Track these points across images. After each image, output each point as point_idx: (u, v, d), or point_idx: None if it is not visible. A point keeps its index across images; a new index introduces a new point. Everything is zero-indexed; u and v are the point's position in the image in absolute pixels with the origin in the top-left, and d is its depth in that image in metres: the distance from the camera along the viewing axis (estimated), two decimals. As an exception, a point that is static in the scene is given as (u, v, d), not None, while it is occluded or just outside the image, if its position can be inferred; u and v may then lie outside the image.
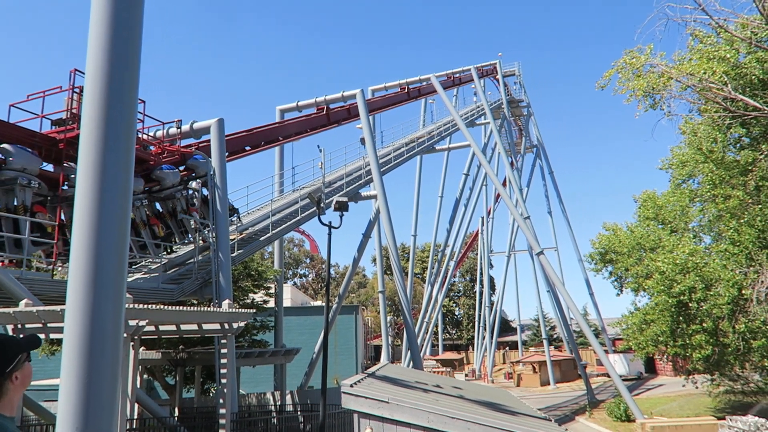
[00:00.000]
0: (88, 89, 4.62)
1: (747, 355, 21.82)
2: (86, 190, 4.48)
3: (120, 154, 4.62)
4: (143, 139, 17.43)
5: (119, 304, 4.51)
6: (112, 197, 4.54)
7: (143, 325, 12.01)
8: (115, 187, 4.56)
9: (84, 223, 4.43)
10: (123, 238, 4.61)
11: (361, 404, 11.07)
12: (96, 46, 4.59)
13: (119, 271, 4.55)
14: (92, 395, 4.09)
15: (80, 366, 4.12)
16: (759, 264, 18.16)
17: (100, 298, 4.32)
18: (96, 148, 4.53)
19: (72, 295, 4.32)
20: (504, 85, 49.77)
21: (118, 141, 4.62)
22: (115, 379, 4.33)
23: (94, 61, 4.57)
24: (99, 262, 4.36)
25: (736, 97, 18.03)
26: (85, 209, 4.46)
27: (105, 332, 4.28)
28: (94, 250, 4.37)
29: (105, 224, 4.45)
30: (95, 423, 4.07)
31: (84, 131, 4.57)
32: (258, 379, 38.77)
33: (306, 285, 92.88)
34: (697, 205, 27.81)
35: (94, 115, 4.55)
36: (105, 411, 4.16)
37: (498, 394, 19.62)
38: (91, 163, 4.52)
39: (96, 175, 4.50)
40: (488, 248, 61.68)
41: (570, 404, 39.10)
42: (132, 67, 4.69)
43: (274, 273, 28.21)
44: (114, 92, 4.57)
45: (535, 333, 72.93)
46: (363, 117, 28.81)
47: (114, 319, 4.39)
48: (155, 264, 19.19)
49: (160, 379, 25.16)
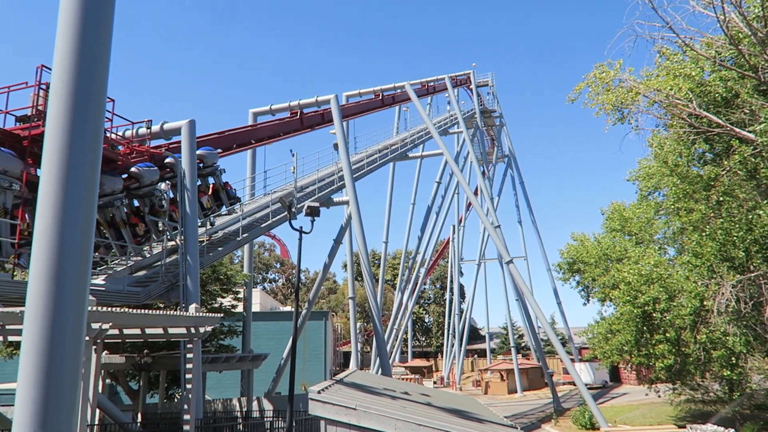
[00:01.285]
0: (54, 86, 4.52)
1: (707, 365, 22.37)
2: (50, 188, 4.37)
3: (86, 153, 4.53)
4: (111, 138, 17.10)
5: (81, 307, 4.41)
6: (76, 197, 4.44)
7: (106, 328, 11.75)
8: (80, 186, 4.46)
9: (46, 223, 4.32)
10: (87, 239, 4.51)
11: (328, 411, 11.00)
12: (64, 42, 4.49)
13: (82, 272, 4.45)
14: (51, 400, 3.98)
15: (39, 369, 4.01)
16: (720, 276, 18.66)
17: (62, 300, 4.21)
18: (61, 147, 4.43)
19: (32, 296, 4.21)
20: (477, 95, 50.33)
21: (85, 139, 4.52)
22: (75, 383, 4.22)
23: (61, 57, 4.47)
24: (61, 263, 4.26)
25: (701, 113, 18.57)
26: (48, 208, 4.35)
27: (65, 335, 4.18)
28: (56, 250, 4.26)
29: (68, 224, 4.35)
30: (53, 429, 3.96)
31: (49, 129, 4.47)
32: (224, 385, 38.22)
33: (276, 290, 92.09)
34: (662, 217, 28.50)
35: (60, 112, 4.45)
36: (64, 416, 4.05)
37: (465, 402, 19.71)
38: (55, 161, 4.42)
39: (60, 173, 4.40)
40: (459, 256, 62.14)
41: (536, 412, 39.52)
42: (101, 63, 4.60)
43: (243, 277, 27.90)
44: (81, 89, 4.47)
45: (503, 341, 73.57)
46: (337, 122, 28.79)
47: (75, 321, 4.28)
48: (121, 266, 18.80)
49: (123, 384, 24.61)
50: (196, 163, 19.93)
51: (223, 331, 27.93)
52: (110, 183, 16.41)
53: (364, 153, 36.16)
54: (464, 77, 48.78)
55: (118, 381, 25.42)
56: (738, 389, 22.93)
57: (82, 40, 4.51)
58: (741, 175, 19.32)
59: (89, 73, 4.54)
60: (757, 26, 16.53)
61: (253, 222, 24.42)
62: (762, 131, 16.41)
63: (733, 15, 17.09)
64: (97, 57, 4.66)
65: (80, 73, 4.49)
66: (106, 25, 4.74)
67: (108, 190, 16.40)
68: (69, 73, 4.48)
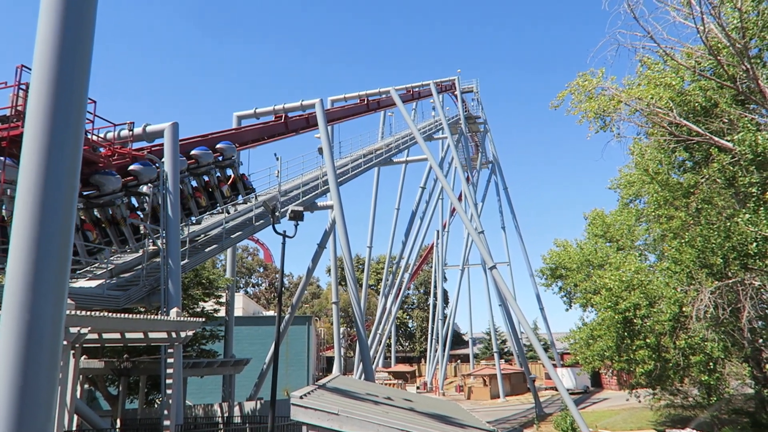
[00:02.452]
0: (34, 86, 4.47)
1: (686, 370, 22.65)
2: (28, 190, 4.31)
3: (66, 155, 4.48)
4: (92, 140, 16.90)
5: (59, 310, 4.35)
6: (55, 199, 4.38)
7: (85, 332, 11.59)
8: (60, 187, 4.41)
9: (24, 224, 4.26)
10: (66, 241, 4.45)
11: (310, 416, 10.94)
12: (44, 41, 4.44)
13: (60, 275, 4.39)
14: (27, 405, 3.91)
15: (15, 374, 3.94)
16: (698, 283, 18.92)
17: (39, 304, 4.15)
18: (40, 148, 4.37)
19: (8, 299, 4.14)
20: (462, 101, 50.59)
21: (65, 141, 4.47)
22: (53, 388, 4.16)
23: (41, 57, 4.42)
24: (39, 266, 4.19)
25: (681, 122, 18.86)
26: (26, 210, 4.29)
27: (43, 339, 4.11)
28: (34, 252, 4.20)
29: (47, 226, 4.29)
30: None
31: (28, 129, 4.41)
32: (205, 390, 37.84)
33: (259, 294, 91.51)
34: (642, 224, 28.84)
35: (39, 112, 4.40)
36: (40, 422, 3.99)
37: (448, 407, 19.72)
38: (34, 162, 4.36)
39: (39, 174, 4.34)
40: (443, 261, 62.28)
41: (519, 417, 39.68)
42: (82, 63, 4.55)
43: (226, 282, 27.69)
44: (62, 90, 4.42)
45: (486, 346, 73.79)
46: (321, 127, 28.74)
47: (53, 325, 4.22)
48: (101, 270, 18.56)
49: (102, 390, 24.26)
50: (213, 155, 22.22)
51: (205, 335, 27.67)
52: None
53: (348, 158, 36.13)
54: (449, 83, 49.03)
55: (96, 386, 25.06)
56: (716, 394, 23.23)
57: (62, 39, 4.46)
58: (720, 183, 19.65)
59: (70, 73, 4.49)
60: (736, 37, 16.85)
61: (237, 226, 24.26)
62: (740, 140, 16.70)
63: (713, 26, 17.41)
64: (78, 56, 4.61)
65: (61, 73, 4.44)
66: (88, 23, 4.69)
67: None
68: (49, 73, 4.42)
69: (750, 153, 16.43)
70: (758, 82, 16.31)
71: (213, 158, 22.22)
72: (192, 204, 21.32)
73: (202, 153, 21.65)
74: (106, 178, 16.89)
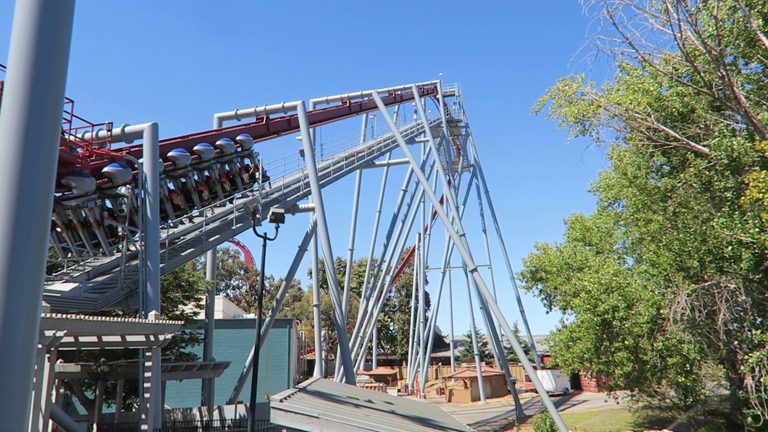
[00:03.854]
0: (9, 84, 4.38)
1: (664, 372, 22.97)
2: (2, 190, 4.22)
3: (42, 155, 4.40)
4: (70, 140, 16.63)
5: (34, 313, 4.27)
6: (31, 200, 4.30)
7: (61, 336, 11.39)
8: (35, 188, 4.33)
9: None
10: (41, 243, 4.38)
11: (290, 419, 10.88)
12: (20, 39, 4.36)
13: (35, 277, 4.31)
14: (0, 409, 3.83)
15: (-14, 378, 3.85)
16: (676, 285, 19.20)
17: (13, 306, 4.07)
18: (15, 148, 4.29)
19: (-20, 302, 4.05)
20: (444, 105, 50.81)
21: (41, 141, 4.39)
22: (26, 392, 4.07)
23: (17, 54, 4.34)
24: (12, 268, 4.11)
25: (659, 127, 19.16)
26: (2, 212, 4.20)
27: (16, 342, 4.03)
28: (8, 254, 4.12)
29: (22, 228, 4.21)
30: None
31: (3, 129, 4.32)
32: (185, 394, 37.43)
33: (239, 297, 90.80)
34: (621, 228, 29.22)
35: (15, 111, 4.31)
36: (13, 426, 3.90)
37: (429, 410, 19.75)
38: (8, 162, 4.27)
39: (14, 175, 4.26)
40: (424, 264, 62.41)
41: (499, 419, 39.88)
42: (58, 61, 4.47)
43: (206, 284, 27.42)
44: (38, 89, 4.34)
45: (467, 349, 74.08)
46: (303, 129, 28.64)
47: (27, 328, 4.14)
48: (78, 272, 18.26)
49: (78, 394, 23.84)
50: (234, 146, 24.61)
51: (184, 338, 27.36)
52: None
53: (330, 160, 36.06)
54: (431, 87, 49.22)
55: (72, 390, 24.63)
56: (692, 395, 23.59)
57: (39, 36, 4.38)
58: (696, 187, 19.99)
59: (46, 72, 4.41)
60: (712, 44, 17.16)
61: (217, 228, 24.06)
62: (715, 145, 17.01)
63: (689, 33, 17.72)
64: (55, 54, 4.53)
65: (37, 71, 4.36)
66: (65, 20, 4.62)
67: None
68: (25, 71, 4.34)
69: (725, 158, 16.75)
70: (733, 89, 16.62)
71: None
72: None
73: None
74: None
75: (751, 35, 18.63)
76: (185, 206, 22.45)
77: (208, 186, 23.46)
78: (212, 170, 23.58)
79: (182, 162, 21.72)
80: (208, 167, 23.32)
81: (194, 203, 22.82)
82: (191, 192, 22.54)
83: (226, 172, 24.65)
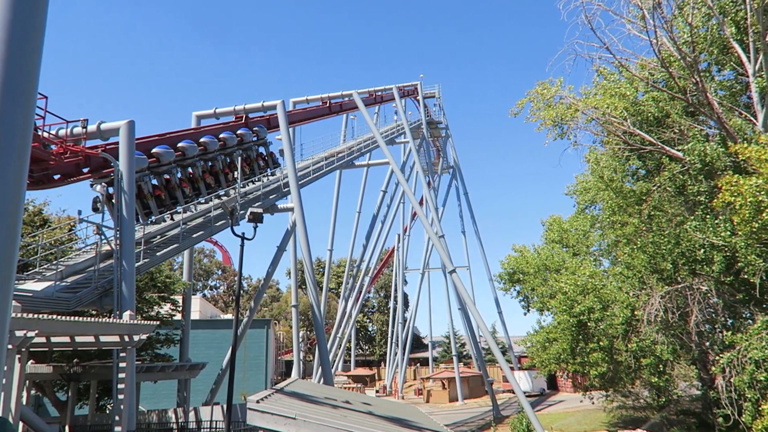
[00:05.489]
0: (-21, 79, 4.28)
1: (637, 372, 23.32)
2: (-29, 187, 4.13)
3: (13, 151, 4.31)
4: (43, 137, 16.32)
5: (4, 312, 4.18)
6: (1, 196, 4.21)
7: (32, 336, 11.16)
8: (6, 185, 4.24)
9: (-34, 223, 4.07)
10: (11, 241, 4.29)
11: (267, 421, 10.81)
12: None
13: (5, 276, 4.22)
14: (-35, 412, 3.74)
15: (-48, 380, 3.76)
16: (650, 287, 19.53)
17: (-19, 306, 3.97)
18: (-15, 143, 4.19)
19: (-53, 301, 3.95)
20: (424, 106, 50.97)
21: (12, 136, 4.30)
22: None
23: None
24: (-19, 266, 4.02)
25: (635, 131, 19.48)
26: (-31, 208, 4.10)
27: (-16, 343, 3.94)
28: (-24, 252, 4.03)
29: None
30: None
31: (-28, 124, 4.22)
32: (160, 396, 36.94)
33: (217, 297, 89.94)
34: (597, 230, 29.61)
35: (-16, 107, 4.22)
36: (-21, 429, 3.81)
37: (407, 410, 19.78)
38: (-22, 158, 4.17)
39: (-17, 171, 4.16)
40: (403, 265, 62.46)
41: (476, 420, 40.10)
42: (31, 53, 4.38)
43: (183, 285, 27.09)
44: (9, 82, 4.25)
45: (445, 350, 74.34)
46: (283, 128, 28.49)
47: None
48: (50, 271, 17.91)
49: (50, 395, 23.38)
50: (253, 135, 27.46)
51: (160, 339, 27.00)
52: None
53: (310, 160, 35.93)
54: (411, 88, 49.34)
55: (44, 392, 24.16)
56: (665, 395, 23.97)
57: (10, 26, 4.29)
58: (670, 191, 20.35)
59: (18, 64, 4.32)
60: (686, 51, 17.49)
61: (195, 227, 23.80)
62: (689, 150, 17.34)
63: (665, 39, 18.05)
64: (27, 46, 4.44)
65: (8, 63, 4.27)
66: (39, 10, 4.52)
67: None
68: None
69: (699, 162, 17.09)
70: (707, 95, 16.97)
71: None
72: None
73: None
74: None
75: (724, 42, 19.05)
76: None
77: (213, 175, 25.20)
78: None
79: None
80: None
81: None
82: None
83: (245, 158, 27.33)
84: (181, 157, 23.10)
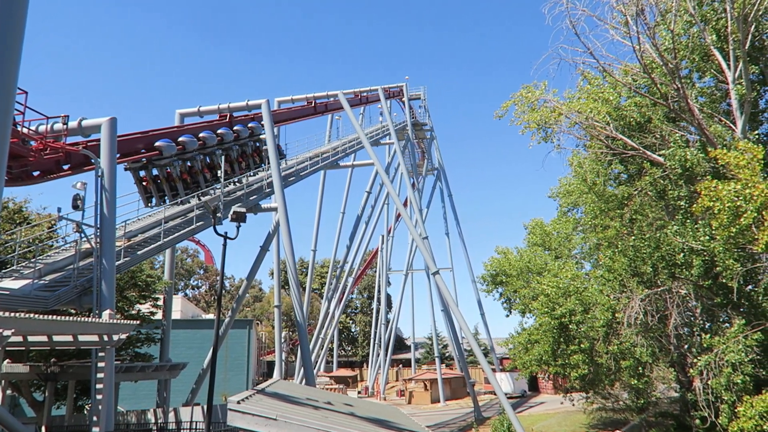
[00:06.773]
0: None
1: (617, 374, 23.54)
2: (-54, 182, 4.04)
3: (-10, 146, 4.23)
4: (22, 132, 16.05)
5: (-23, 311, 4.10)
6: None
7: (8, 335, 10.97)
8: (-18, 181, 4.16)
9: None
10: (-13, 238, 4.20)
11: (248, 421, 10.73)
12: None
13: (-20, 273, 4.14)
14: (-64, 412, 3.66)
15: (-76, 379, 3.68)
16: (630, 290, 19.73)
17: (-46, 303, 3.89)
18: (-39, 137, 4.12)
19: None
20: (409, 108, 51.05)
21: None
22: (-34, 393, 3.90)
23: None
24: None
25: (617, 136, 19.69)
26: (-57, 204, 4.02)
27: (-43, 341, 3.86)
28: (-50, 249, 3.94)
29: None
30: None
31: (-52, 117, 4.14)
32: (139, 396, 36.54)
33: (198, 297, 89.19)
34: (579, 233, 29.89)
35: (-39, 100, 4.14)
36: (-49, 430, 3.73)
37: (388, 411, 19.78)
38: (-47, 153, 4.09)
39: (-41, 166, 4.08)
40: (387, 266, 62.46)
41: (458, 421, 40.23)
42: (11, 48, 4.31)
43: (164, 284, 26.81)
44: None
45: (428, 351, 74.45)
46: (267, 128, 28.33)
47: (-31, 326, 3.97)
48: (28, 269, 17.62)
49: (26, 395, 23.02)
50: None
51: (140, 338, 26.70)
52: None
53: (294, 160, 35.78)
54: (397, 89, 49.39)
55: (20, 392, 23.77)
56: (644, 397, 24.24)
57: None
58: (651, 195, 20.61)
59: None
60: (668, 57, 17.73)
61: (177, 226, 23.56)
62: (670, 155, 17.57)
63: (648, 46, 18.29)
64: (6, 40, 4.38)
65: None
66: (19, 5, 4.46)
67: None
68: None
69: (679, 168, 17.32)
70: (688, 101, 17.21)
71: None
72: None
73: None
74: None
75: (705, 50, 19.36)
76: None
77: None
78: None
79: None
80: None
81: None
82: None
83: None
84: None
